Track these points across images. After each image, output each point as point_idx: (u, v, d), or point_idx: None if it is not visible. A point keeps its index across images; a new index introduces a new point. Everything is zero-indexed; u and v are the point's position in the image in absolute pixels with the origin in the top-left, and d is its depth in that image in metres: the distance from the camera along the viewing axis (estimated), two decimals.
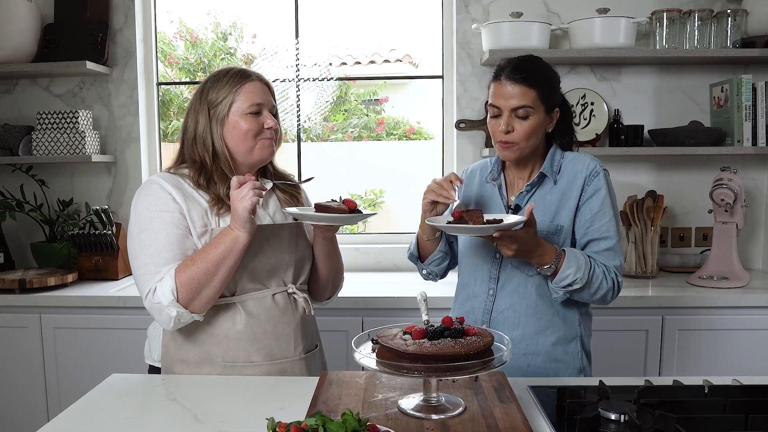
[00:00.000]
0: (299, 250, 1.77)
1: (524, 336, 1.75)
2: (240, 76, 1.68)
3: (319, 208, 1.61)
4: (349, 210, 1.61)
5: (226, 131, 1.67)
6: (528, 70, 1.68)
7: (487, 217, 1.62)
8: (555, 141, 1.81)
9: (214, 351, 1.66)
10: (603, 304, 1.74)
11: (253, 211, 1.54)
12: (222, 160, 1.68)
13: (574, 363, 1.76)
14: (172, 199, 1.63)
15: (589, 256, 1.69)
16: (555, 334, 1.75)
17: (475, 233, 1.60)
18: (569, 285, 1.65)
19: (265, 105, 1.69)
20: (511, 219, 1.60)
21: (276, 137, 1.73)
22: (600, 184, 1.73)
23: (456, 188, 1.68)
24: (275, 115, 1.74)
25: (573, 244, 1.75)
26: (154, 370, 1.77)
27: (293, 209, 1.68)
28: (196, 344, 1.67)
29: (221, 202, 1.66)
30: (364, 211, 1.64)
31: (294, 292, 1.74)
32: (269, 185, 1.78)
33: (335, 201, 1.64)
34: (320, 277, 1.86)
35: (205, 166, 1.68)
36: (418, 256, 1.92)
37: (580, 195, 1.73)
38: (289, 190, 1.85)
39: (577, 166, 1.76)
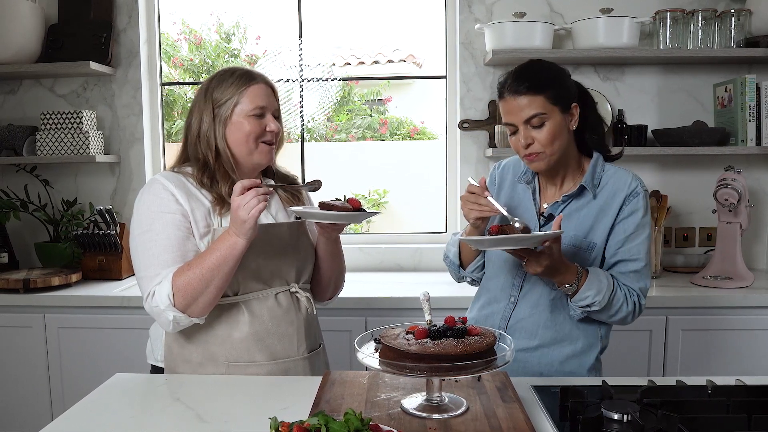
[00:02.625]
0: (302, 249, 1.78)
1: (540, 346, 1.73)
2: (245, 78, 1.68)
3: (323, 206, 1.60)
4: (353, 209, 1.60)
5: (229, 132, 1.68)
6: (529, 78, 1.61)
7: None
8: (590, 143, 1.72)
9: (218, 351, 1.67)
10: (622, 324, 1.72)
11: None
12: (224, 159, 1.69)
13: (588, 375, 1.74)
14: (174, 200, 1.63)
15: (613, 277, 1.66)
16: (571, 346, 1.73)
17: (518, 244, 1.51)
18: (588, 306, 1.63)
19: (269, 108, 1.70)
20: (543, 233, 1.55)
21: (277, 140, 1.74)
22: (638, 205, 1.67)
23: (491, 199, 1.60)
24: (278, 118, 1.74)
25: (602, 260, 1.72)
26: (156, 370, 1.77)
27: (298, 208, 1.66)
28: (199, 344, 1.67)
29: (223, 202, 1.66)
30: (368, 210, 1.64)
31: (296, 292, 1.74)
32: (272, 185, 1.78)
33: (339, 200, 1.63)
34: (323, 277, 1.86)
35: (208, 165, 1.68)
36: (460, 264, 1.87)
37: (617, 214, 1.68)
38: (290, 189, 1.84)
39: (618, 183, 1.69)
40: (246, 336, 1.66)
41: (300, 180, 1.92)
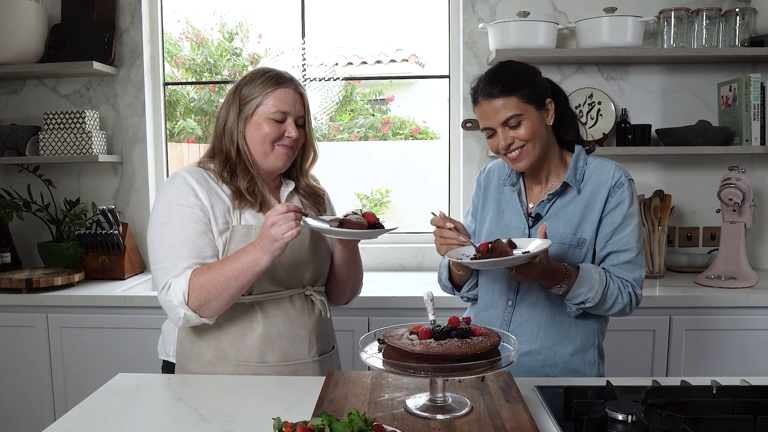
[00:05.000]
0: (318, 253, 1.78)
1: (543, 348, 1.72)
2: (275, 81, 1.69)
3: (338, 221, 1.59)
4: (369, 224, 1.58)
5: (248, 131, 1.69)
6: (500, 80, 1.62)
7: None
8: (567, 137, 1.74)
9: (229, 350, 1.67)
10: (621, 316, 1.72)
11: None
12: (243, 156, 1.69)
13: (591, 372, 1.74)
14: (194, 195, 1.64)
15: (606, 270, 1.66)
16: (572, 345, 1.73)
17: (506, 265, 1.52)
18: (581, 303, 1.64)
19: (291, 114, 1.69)
20: (532, 244, 1.55)
21: (297, 147, 1.73)
22: (624, 196, 1.68)
23: (458, 231, 1.61)
24: (302, 126, 1.73)
25: (594, 254, 1.72)
26: (167, 365, 1.77)
27: (312, 221, 1.59)
28: (210, 342, 1.68)
29: (241, 196, 1.67)
30: (386, 225, 1.61)
31: (311, 294, 1.74)
32: (307, 213, 1.76)
33: (356, 214, 1.61)
34: (339, 282, 1.86)
35: (230, 159, 1.70)
36: (453, 287, 1.89)
37: (604, 207, 1.68)
38: (313, 194, 1.84)
39: (602, 175, 1.70)
40: (258, 336, 1.67)
41: (327, 195, 1.92)
